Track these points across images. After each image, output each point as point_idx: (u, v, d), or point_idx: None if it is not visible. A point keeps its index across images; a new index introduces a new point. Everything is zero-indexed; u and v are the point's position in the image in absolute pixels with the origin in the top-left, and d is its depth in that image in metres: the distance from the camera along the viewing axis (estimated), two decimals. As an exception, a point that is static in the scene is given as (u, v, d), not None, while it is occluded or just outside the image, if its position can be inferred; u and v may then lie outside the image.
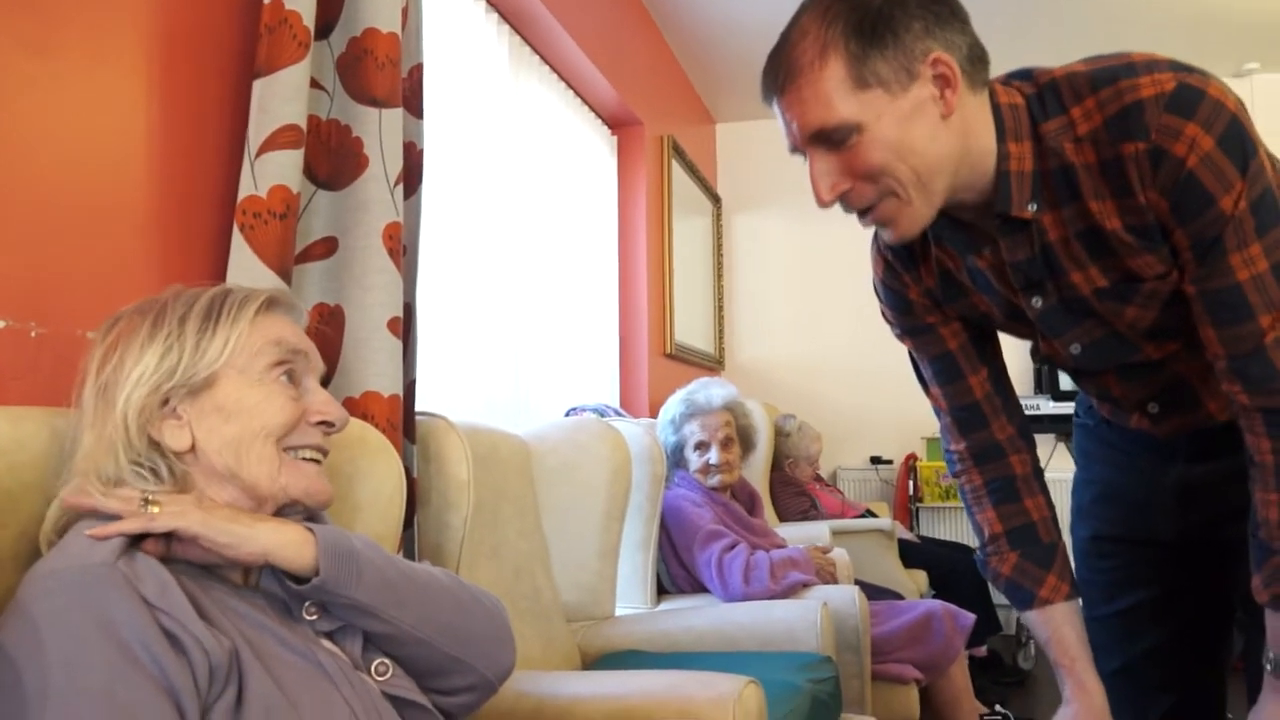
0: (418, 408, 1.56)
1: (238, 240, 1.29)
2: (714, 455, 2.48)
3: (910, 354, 1.30)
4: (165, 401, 0.89)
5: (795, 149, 1.06)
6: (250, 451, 0.90)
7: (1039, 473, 1.27)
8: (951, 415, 1.26)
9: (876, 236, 1.26)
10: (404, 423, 1.48)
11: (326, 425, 0.96)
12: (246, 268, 1.28)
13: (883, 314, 1.31)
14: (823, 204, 1.04)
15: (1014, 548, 1.23)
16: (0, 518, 0.87)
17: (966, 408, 1.25)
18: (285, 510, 0.95)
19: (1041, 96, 1.04)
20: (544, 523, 1.96)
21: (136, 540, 0.83)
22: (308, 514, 0.98)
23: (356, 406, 1.40)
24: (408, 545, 1.48)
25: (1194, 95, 0.96)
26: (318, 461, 0.96)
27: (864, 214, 1.06)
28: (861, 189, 1.02)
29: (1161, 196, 0.99)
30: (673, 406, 2.58)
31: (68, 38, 1.17)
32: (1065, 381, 3.66)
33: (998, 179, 1.04)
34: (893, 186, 1.01)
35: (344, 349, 1.42)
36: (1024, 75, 1.08)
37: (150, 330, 0.91)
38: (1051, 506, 1.27)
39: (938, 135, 1.00)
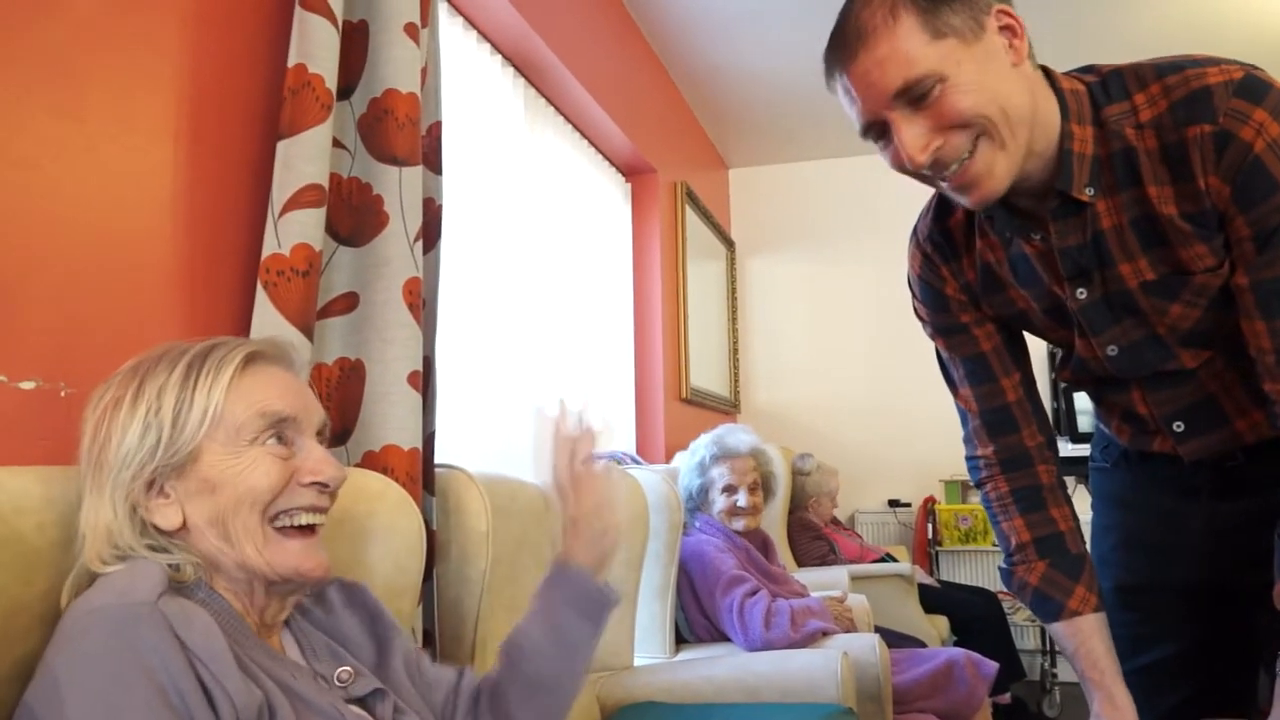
0: (437, 459, 1.57)
1: (261, 297, 1.32)
2: (742, 498, 2.48)
3: (939, 355, 1.29)
4: (152, 482, 0.86)
5: (868, 126, 1.04)
6: (235, 523, 0.86)
7: (1063, 484, 1.25)
8: (981, 418, 1.24)
9: (915, 231, 1.28)
10: (424, 475, 1.50)
11: (320, 486, 0.91)
12: (270, 324, 1.31)
13: (915, 311, 1.31)
14: (917, 166, 1.01)
15: (1042, 557, 1.21)
16: (28, 575, 0.88)
17: (997, 410, 1.23)
18: (281, 586, 0.90)
19: (1105, 84, 1.06)
20: (562, 572, 1.96)
21: (178, 579, 0.84)
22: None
23: (377, 460, 1.41)
24: (427, 599, 1.48)
25: (1262, 85, 0.98)
26: (312, 528, 0.91)
27: (951, 174, 1.03)
28: (954, 140, 1.00)
29: (1223, 182, 0.99)
30: (701, 449, 2.58)
31: (98, 102, 1.20)
32: (1085, 423, 3.64)
33: (1060, 156, 1.05)
34: (987, 128, 0.99)
35: (364, 403, 1.43)
36: (1085, 69, 1.10)
37: (131, 403, 0.87)
38: (1077, 519, 1.25)
39: (1014, 79, 1.01)
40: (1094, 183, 1.06)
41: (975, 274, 1.21)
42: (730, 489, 2.50)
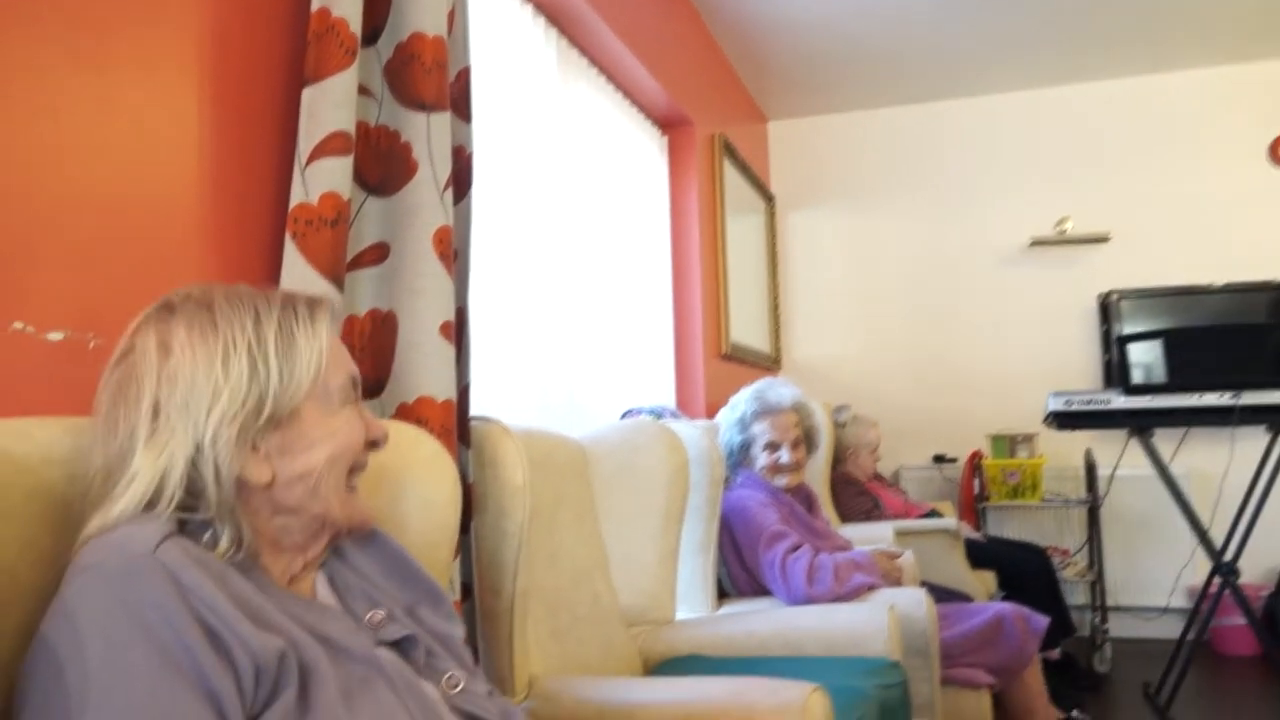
0: (472, 413, 1.55)
1: (290, 248, 1.29)
2: (785, 455, 2.44)
3: None
4: (243, 436, 0.83)
5: None
6: (327, 482, 0.88)
7: None
8: None
9: None
10: (459, 428, 1.48)
11: (374, 446, 0.95)
12: (299, 275, 1.28)
13: None
14: None
15: None
16: (58, 528, 0.87)
17: None
18: (338, 536, 0.94)
19: None
20: (602, 526, 1.94)
21: (183, 525, 0.81)
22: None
23: (410, 412, 1.39)
24: (464, 552, 1.47)
25: None
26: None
27: None
28: None
29: None
30: (741, 404, 2.53)
31: (120, 52, 1.18)
32: (1138, 374, 3.53)
33: None
34: None
35: (397, 355, 1.41)
36: None
37: (224, 351, 0.83)
38: None
39: None
40: None
41: None
42: (773, 445, 2.46)
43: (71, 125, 1.11)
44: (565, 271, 2.63)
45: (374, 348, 1.42)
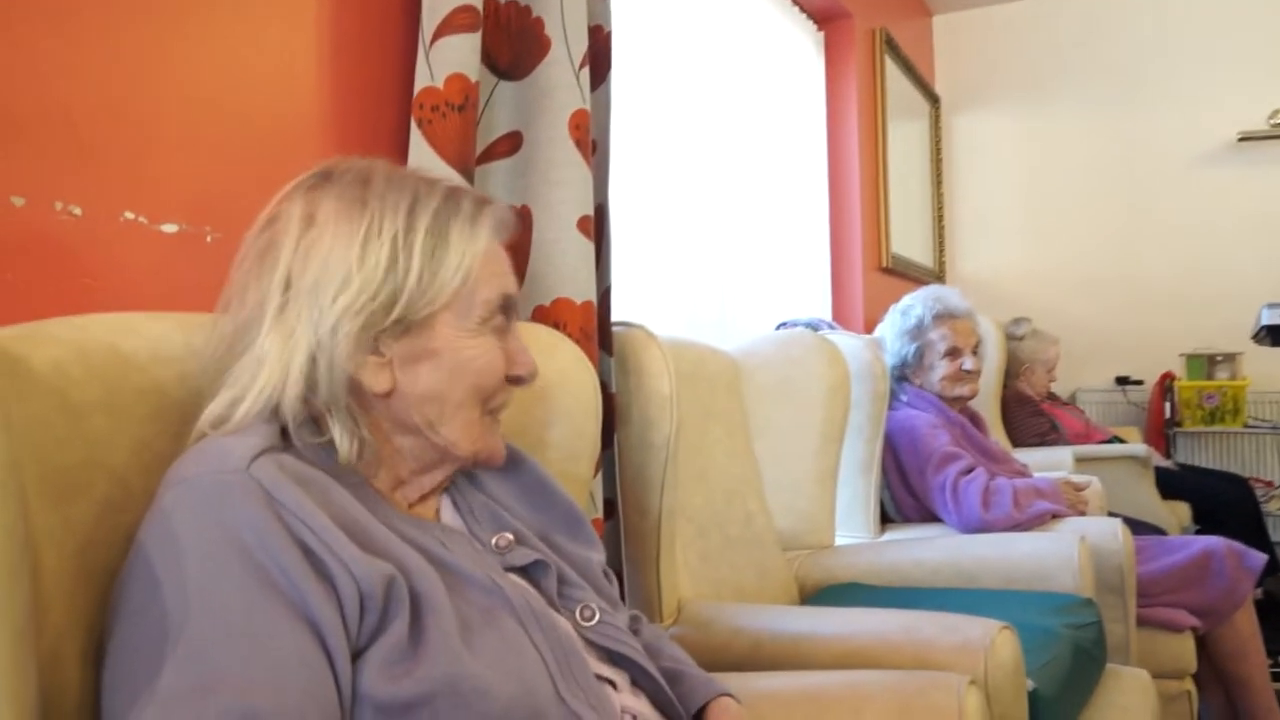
0: (614, 318, 1.43)
1: (416, 136, 1.20)
2: (969, 362, 2.22)
3: None
4: (368, 334, 0.75)
5: None
6: (459, 411, 0.78)
7: None
8: None
9: None
10: (599, 333, 1.36)
11: (518, 381, 0.83)
12: (426, 166, 1.18)
13: None
14: None
15: None
16: (169, 427, 0.81)
17: None
18: (464, 467, 0.84)
19: None
20: (755, 444, 1.81)
21: (286, 438, 0.73)
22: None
23: (547, 315, 1.28)
24: (607, 466, 1.37)
25: None
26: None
27: None
28: None
29: None
30: (917, 307, 2.28)
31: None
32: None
33: None
34: None
35: (533, 253, 1.30)
36: None
37: (366, 233, 0.74)
38: None
39: None
40: None
41: None
42: (954, 352, 2.22)
43: (186, 14, 1.03)
44: (713, 175, 2.46)
45: (508, 246, 1.31)
